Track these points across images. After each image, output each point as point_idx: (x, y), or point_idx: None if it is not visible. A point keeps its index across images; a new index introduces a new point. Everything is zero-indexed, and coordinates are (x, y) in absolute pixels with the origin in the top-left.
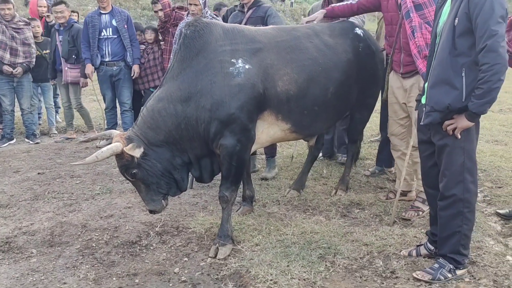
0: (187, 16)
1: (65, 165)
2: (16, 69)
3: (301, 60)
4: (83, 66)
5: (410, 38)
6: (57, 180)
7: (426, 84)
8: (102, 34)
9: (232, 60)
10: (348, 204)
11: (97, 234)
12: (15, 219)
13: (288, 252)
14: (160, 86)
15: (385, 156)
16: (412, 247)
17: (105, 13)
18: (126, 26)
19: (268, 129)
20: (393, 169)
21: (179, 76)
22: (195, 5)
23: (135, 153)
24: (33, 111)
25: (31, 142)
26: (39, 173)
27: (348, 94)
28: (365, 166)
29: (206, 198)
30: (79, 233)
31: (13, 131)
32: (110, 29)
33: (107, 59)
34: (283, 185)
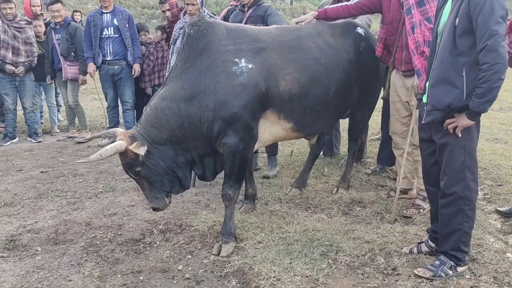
0: (184, 16)
1: (68, 164)
2: (18, 68)
3: (304, 60)
4: (82, 64)
5: (409, 34)
6: (60, 179)
7: (427, 83)
8: (104, 33)
9: (235, 60)
10: (350, 202)
11: (101, 232)
12: (20, 217)
13: (291, 250)
14: (164, 85)
15: (386, 155)
16: (413, 245)
17: (107, 12)
18: (128, 25)
19: (271, 128)
20: (394, 168)
21: (183, 76)
22: (193, 5)
23: (140, 151)
24: (35, 110)
25: (34, 141)
26: (42, 172)
27: (349, 93)
28: (366, 165)
29: (209, 196)
30: (83, 231)
31: (16, 130)
32: (112, 28)
33: (109, 58)
34: (285, 184)
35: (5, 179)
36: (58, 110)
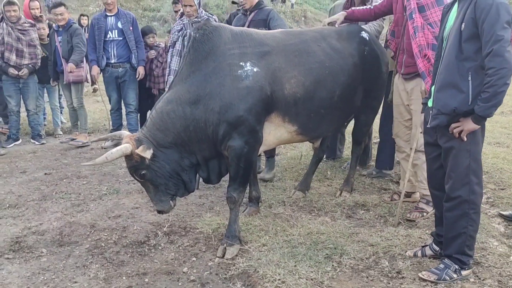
0: (181, 18)
1: (72, 166)
2: (22, 71)
3: (309, 64)
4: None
5: (412, 38)
6: (64, 181)
7: (433, 87)
8: (108, 36)
9: (241, 63)
10: (353, 205)
11: (106, 234)
12: (24, 219)
13: (295, 252)
14: (169, 89)
15: (384, 158)
16: (418, 248)
17: (111, 16)
18: (132, 28)
19: (275, 131)
20: (392, 172)
21: (188, 79)
22: (190, 6)
23: (146, 155)
24: (39, 112)
25: (37, 143)
26: (46, 174)
27: (354, 97)
28: (369, 168)
29: (212, 199)
30: (88, 233)
31: (19, 132)
32: (116, 31)
33: (113, 61)
34: (288, 186)
35: (9, 181)
36: (61, 112)
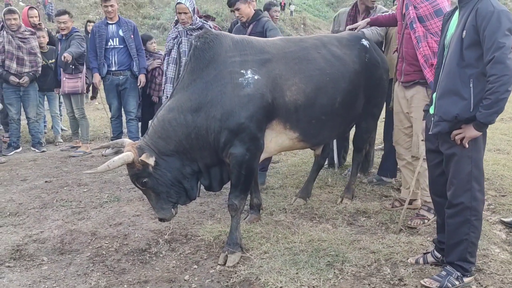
0: (176, 25)
1: (72, 173)
2: (23, 79)
3: (309, 71)
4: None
5: (416, 48)
6: (65, 188)
7: (434, 95)
8: (109, 44)
9: (242, 71)
10: (354, 212)
11: (107, 242)
12: (25, 227)
13: (297, 260)
14: (171, 97)
15: (388, 166)
16: (419, 255)
17: (112, 23)
18: (133, 36)
19: (277, 138)
20: (393, 180)
21: (190, 87)
22: (185, 14)
23: (150, 161)
24: (39, 120)
25: (37, 151)
26: (47, 182)
27: (355, 104)
28: (370, 175)
29: (213, 206)
30: (89, 241)
31: (19, 140)
32: (117, 39)
33: (114, 69)
34: (289, 194)
35: (10, 189)
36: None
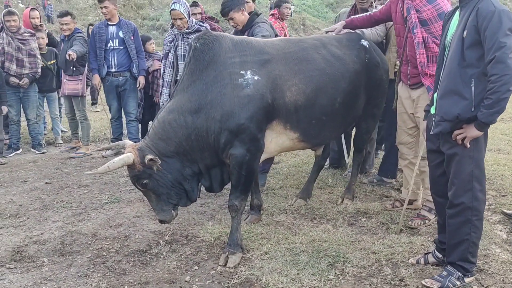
0: (172, 28)
1: (72, 175)
2: (23, 80)
3: (309, 71)
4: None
5: (415, 54)
6: (65, 190)
7: (436, 95)
8: (109, 45)
9: (241, 72)
10: (355, 213)
11: (108, 243)
12: (25, 229)
13: (298, 260)
14: (171, 98)
15: (388, 167)
16: (420, 255)
17: (112, 25)
18: (133, 38)
19: (277, 139)
20: (394, 180)
21: (189, 88)
22: (180, 19)
23: (157, 160)
24: (39, 121)
25: (37, 152)
26: (47, 183)
27: (355, 104)
28: (370, 175)
29: (214, 207)
30: (90, 242)
31: (20, 141)
32: (117, 40)
33: (113, 70)
34: (290, 194)
35: (10, 190)
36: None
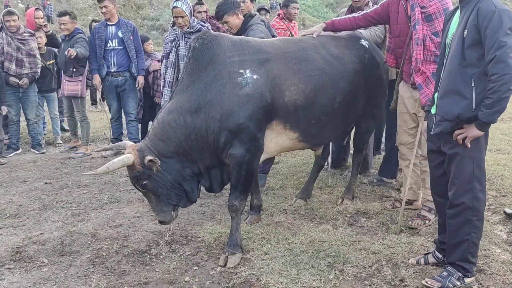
0: (173, 27)
1: (72, 175)
2: (22, 80)
3: (308, 71)
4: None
5: (412, 50)
6: (65, 190)
7: (436, 94)
8: (108, 45)
9: (240, 71)
10: (355, 213)
11: (107, 244)
12: (25, 229)
13: (297, 261)
14: (170, 99)
15: (388, 167)
16: (420, 255)
17: (112, 25)
18: (132, 38)
19: (277, 138)
20: (394, 181)
21: (189, 88)
22: (182, 17)
23: (158, 161)
24: (39, 121)
25: (37, 152)
26: (46, 183)
27: (355, 104)
28: (370, 176)
29: (213, 207)
30: (89, 243)
31: (19, 141)
32: (116, 40)
33: (113, 70)
34: (290, 195)
35: (10, 191)
36: (62, 121)
